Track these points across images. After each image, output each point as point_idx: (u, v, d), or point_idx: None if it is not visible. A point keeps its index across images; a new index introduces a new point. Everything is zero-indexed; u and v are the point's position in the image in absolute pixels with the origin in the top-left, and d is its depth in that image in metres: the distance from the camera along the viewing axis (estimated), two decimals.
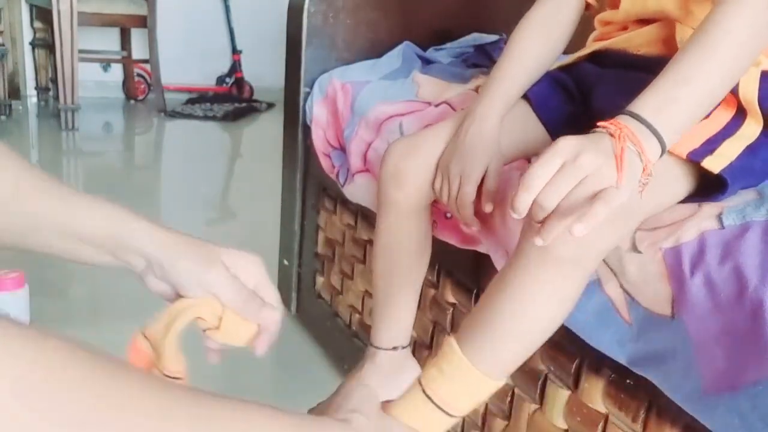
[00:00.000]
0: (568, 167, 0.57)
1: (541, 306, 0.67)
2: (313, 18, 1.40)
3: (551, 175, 0.57)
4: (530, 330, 0.68)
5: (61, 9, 3.17)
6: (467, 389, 0.67)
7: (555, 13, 0.90)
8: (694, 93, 0.64)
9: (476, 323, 0.69)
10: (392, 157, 0.90)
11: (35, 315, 0.97)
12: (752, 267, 0.57)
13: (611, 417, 0.75)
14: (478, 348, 0.67)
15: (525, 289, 0.66)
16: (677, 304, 0.62)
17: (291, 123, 1.50)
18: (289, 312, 1.65)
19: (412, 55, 1.44)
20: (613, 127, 0.61)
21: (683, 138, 0.67)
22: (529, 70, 0.90)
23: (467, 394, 0.67)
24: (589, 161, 0.57)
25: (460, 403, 0.66)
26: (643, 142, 0.61)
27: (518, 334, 0.68)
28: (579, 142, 0.59)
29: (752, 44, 0.67)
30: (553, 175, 0.57)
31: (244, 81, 4.33)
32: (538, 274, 0.65)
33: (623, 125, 0.61)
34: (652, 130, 0.61)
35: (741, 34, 0.65)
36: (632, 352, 0.69)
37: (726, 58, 0.65)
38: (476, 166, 0.83)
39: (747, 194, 0.70)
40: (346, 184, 1.25)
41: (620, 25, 0.90)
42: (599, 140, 0.60)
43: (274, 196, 1.72)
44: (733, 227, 0.63)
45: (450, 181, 0.85)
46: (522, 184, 0.58)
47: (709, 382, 0.60)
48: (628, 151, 0.59)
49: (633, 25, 0.87)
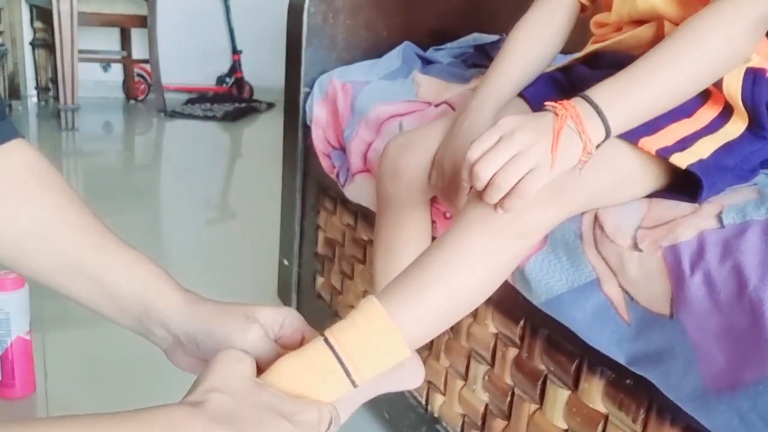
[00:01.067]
0: (503, 142, 0.62)
1: (475, 272, 0.66)
2: (313, 18, 1.40)
3: (486, 149, 0.62)
4: (458, 296, 0.65)
5: (61, 9, 3.17)
6: (377, 347, 0.58)
7: (550, 16, 0.92)
8: (651, 91, 0.67)
9: (401, 284, 0.64)
10: (390, 153, 0.91)
11: (35, 315, 0.96)
12: (752, 266, 0.57)
13: (611, 417, 0.75)
14: (399, 308, 0.61)
15: (460, 254, 0.65)
16: (676, 303, 0.62)
17: (291, 123, 1.50)
18: None
19: (412, 55, 1.44)
20: (559, 107, 0.65)
21: (658, 136, 0.70)
22: (523, 70, 0.91)
23: (375, 353, 0.58)
24: (523, 137, 0.61)
25: (365, 362, 0.57)
26: (586, 121, 0.64)
27: (445, 298, 0.64)
28: (519, 119, 0.63)
29: (726, 51, 0.69)
30: (489, 149, 0.62)
31: (244, 81, 4.33)
32: (476, 241, 0.65)
33: (570, 105, 0.65)
34: (597, 112, 0.65)
35: (715, 41, 0.68)
36: (631, 351, 0.69)
37: (693, 64, 0.68)
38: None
39: (747, 193, 0.70)
40: (346, 184, 1.25)
41: (614, 26, 0.90)
42: (540, 118, 0.64)
43: (274, 196, 1.72)
44: (733, 226, 0.63)
45: (444, 176, 0.86)
46: (465, 155, 0.63)
47: (709, 381, 0.60)
48: (567, 129, 0.63)
49: (627, 26, 0.88)
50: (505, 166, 0.61)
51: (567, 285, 0.74)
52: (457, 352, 1.01)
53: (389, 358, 0.59)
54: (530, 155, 0.61)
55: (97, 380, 1.34)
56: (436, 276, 0.64)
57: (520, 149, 0.61)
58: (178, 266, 1.97)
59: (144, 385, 1.34)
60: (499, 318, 0.92)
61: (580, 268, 0.72)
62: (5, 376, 0.95)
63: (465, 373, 1.00)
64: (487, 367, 0.96)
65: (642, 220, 0.70)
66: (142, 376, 1.37)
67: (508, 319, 0.90)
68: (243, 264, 1.93)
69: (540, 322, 0.84)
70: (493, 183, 0.61)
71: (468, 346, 0.99)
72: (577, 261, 0.73)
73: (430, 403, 1.09)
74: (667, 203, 0.72)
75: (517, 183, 0.61)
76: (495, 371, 0.94)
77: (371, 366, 0.58)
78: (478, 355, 0.97)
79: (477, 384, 0.97)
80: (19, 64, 3.88)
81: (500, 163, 0.61)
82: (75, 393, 1.29)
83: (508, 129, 0.62)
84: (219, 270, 1.82)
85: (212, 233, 2.28)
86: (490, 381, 0.95)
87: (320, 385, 0.56)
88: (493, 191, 0.61)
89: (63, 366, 1.30)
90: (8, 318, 0.91)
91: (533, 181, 0.61)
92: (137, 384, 1.34)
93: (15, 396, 1.28)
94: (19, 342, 0.94)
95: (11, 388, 1.27)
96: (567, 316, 0.75)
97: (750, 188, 0.71)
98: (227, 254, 1.95)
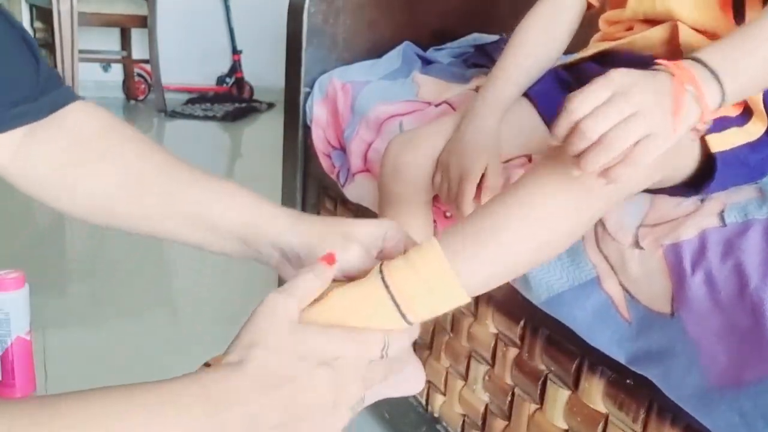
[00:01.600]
0: (617, 98, 0.54)
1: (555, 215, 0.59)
2: (313, 18, 1.40)
3: (597, 104, 0.54)
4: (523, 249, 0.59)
5: (61, 9, 3.17)
6: (433, 290, 0.54)
7: (556, 13, 0.91)
8: (762, 60, 0.62)
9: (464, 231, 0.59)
10: (393, 151, 0.91)
11: (35, 315, 0.97)
12: (753, 265, 0.57)
13: (611, 417, 0.75)
14: (459, 253, 0.56)
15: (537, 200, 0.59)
16: (677, 302, 0.62)
17: (291, 123, 1.50)
18: None
19: (412, 55, 1.44)
20: (674, 67, 0.58)
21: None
22: (529, 70, 0.90)
23: (431, 295, 0.54)
24: (641, 97, 0.54)
25: (419, 302, 0.54)
26: (704, 86, 0.57)
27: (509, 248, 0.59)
28: (633, 74, 0.56)
29: None
30: (600, 104, 0.54)
31: (244, 81, 4.33)
32: (557, 193, 0.59)
33: (685, 67, 0.58)
34: (715, 76, 0.58)
35: None
36: (631, 350, 0.69)
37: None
38: (475, 164, 0.83)
39: (749, 192, 0.70)
40: (346, 184, 1.25)
41: (626, 24, 0.90)
42: (656, 77, 0.57)
43: (274, 196, 1.72)
44: (734, 225, 0.63)
45: (449, 179, 0.85)
46: (564, 108, 0.54)
47: (711, 380, 0.60)
48: (687, 94, 0.56)
49: (639, 24, 0.87)
50: (620, 126, 0.53)
51: (567, 283, 0.74)
52: (458, 352, 1.01)
53: (445, 302, 0.55)
54: (648, 118, 0.53)
55: (97, 380, 1.34)
56: (502, 226, 0.58)
57: (637, 110, 0.53)
58: (179, 266, 1.98)
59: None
60: (499, 318, 0.92)
61: (581, 266, 0.72)
62: (5, 376, 0.95)
63: (465, 373, 1.00)
64: (488, 367, 0.96)
65: (644, 218, 0.70)
66: (142, 376, 1.37)
67: (509, 319, 0.90)
68: (243, 264, 1.92)
69: (540, 322, 0.84)
70: (603, 143, 0.53)
71: (468, 346, 0.99)
72: (578, 259, 0.73)
73: (431, 403, 1.09)
74: (669, 201, 0.72)
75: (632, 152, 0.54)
76: (495, 371, 0.94)
77: (426, 308, 0.54)
78: (479, 355, 0.97)
79: (477, 384, 0.97)
80: None
81: (613, 122, 0.53)
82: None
83: (623, 86, 0.54)
84: (219, 270, 1.82)
85: None
86: (491, 381, 0.95)
87: (373, 318, 0.53)
88: (600, 153, 0.53)
89: (63, 366, 1.30)
90: (8, 318, 0.91)
91: (650, 147, 0.53)
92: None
93: (15, 396, 1.28)
94: (19, 342, 0.94)
95: (11, 388, 1.27)
96: (567, 315, 0.75)
97: (752, 187, 0.71)
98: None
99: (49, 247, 2.03)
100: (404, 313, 0.53)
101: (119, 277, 1.81)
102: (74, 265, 1.98)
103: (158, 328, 1.57)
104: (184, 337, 1.56)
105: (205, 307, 1.70)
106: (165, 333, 1.56)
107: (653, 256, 0.66)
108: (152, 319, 1.59)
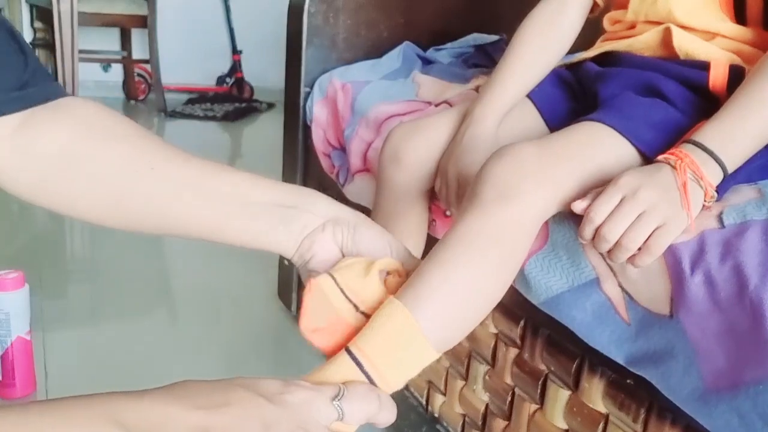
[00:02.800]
0: (627, 202, 0.61)
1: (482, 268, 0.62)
2: (314, 18, 1.40)
3: (611, 209, 0.61)
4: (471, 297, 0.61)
5: (62, 9, 3.17)
6: (402, 351, 0.55)
7: (558, 13, 0.90)
8: (756, 121, 0.67)
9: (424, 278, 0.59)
10: (394, 139, 0.92)
11: (35, 315, 0.97)
12: (752, 266, 0.57)
13: (611, 417, 0.75)
14: (422, 305, 0.56)
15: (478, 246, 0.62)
16: (676, 303, 0.62)
17: (291, 123, 1.50)
18: (290, 312, 1.65)
19: (412, 55, 1.44)
20: (673, 157, 0.64)
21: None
22: (530, 73, 0.90)
23: (401, 357, 0.55)
24: (648, 196, 0.61)
25: (391, 368, 0.54)
26: (703, 168, 0.64)
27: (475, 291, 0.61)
28: (639, 176, 0.63)
29: None
30: (614, 209, 0.61)
31: (244, 81, 4.33)
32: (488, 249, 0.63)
33: (684, 154, 0.64)
34: (713, 156, 0.64)
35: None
36: (630, 352, 0.69)
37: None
38: (474, 168, 0.83)
39: (748, 193, 0.69)
40: (346, 184, 1.25)
41: (629, 24, 0.90)
42: (658, 173, 0.63)
43: None
44: (733, 226, 0.63)
45: (448, 184, 0.85)
46: (586, 216, 0.62)
47: (709, 382, 0.60)
48: (690, 182, 0.63)
49: (641, 24, 0.87)
50: (633, 227, 0.60)
51: (567, 284, 0.74)
52: (457, 352, 1.01)
53: (414, 365, 0.56)
54: (657, 213, 0.60)
55: (96, 380, 1.34)
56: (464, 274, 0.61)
57: (646, 208, 0.60)
58: (179, 266, 1.98)
59: (144, 385, 1.34)
60: (499, 318, 0.92)
61: (581, 268, 0.72)
62: (5, 376, 0.95)
63: (465, 373, 1.00)
64: (488, 367, 0.96)
65: None
66: (142, 376, 1.37)
67: (509, 319, 0.90)
68: (243, 264, 1.92)
69: (540, 322, 0.84)
70: (621, 245, 0.61)
71: (468, 346, 0.99)
72: (578, 260, 0.73)
73: (431, 403, 1.09)
74: None
75: (647, 241, 0.61)
76: (495, 371, 0.94)
77: (395, 374, 0.55)
78: (479, 355, 0.97)
79: (477, 384, 0.97)
80: None
81: (627, 224, 0.61)
82: (75, 393, 1.29)
83: (630, 188, 0.61)
84: (219, 270, 1.82)
85: None
86: (491, 381, 0.95)
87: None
88: (621, 252, 0.61)
89: (63, 366, 1.30)
90: (8, 318, 0.91)
91: (664, 236, 0.60)
92: (137, 384, 1.34)
93: (15, 396, 1.28)
94: (19, 342, 0.94)
95: (11, 388, 1.27)
96: (566, 316, 0.75)
97: (751, 188, 0.71)
98: (227, 254, 1.94)
99: (49, 247, 2.03)
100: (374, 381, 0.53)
101: (119, 277, 1.81)
102: (74, 265, 1.98)
103: (158, 328, 1.57)
104: (184, 337, 1.56)
105: (205, 307, 1.70)
106: (165, 333, 1.57)
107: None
108: (152, 319, 1.59)
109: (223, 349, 1.51)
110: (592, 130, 0.73)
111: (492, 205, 0.65)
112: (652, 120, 0.74)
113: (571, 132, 0.74)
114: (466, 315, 0.62)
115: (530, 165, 0.67)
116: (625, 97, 0.78)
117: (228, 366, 1.44)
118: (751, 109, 0.67)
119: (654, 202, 0.61)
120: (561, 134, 0.73)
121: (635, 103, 0.77)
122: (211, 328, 1.60)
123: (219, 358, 1.47)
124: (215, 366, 1.43)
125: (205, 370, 1.43)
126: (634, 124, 0.73)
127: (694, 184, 0.63)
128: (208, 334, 1.57)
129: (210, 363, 1.44)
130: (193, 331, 1.59)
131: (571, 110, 0.92)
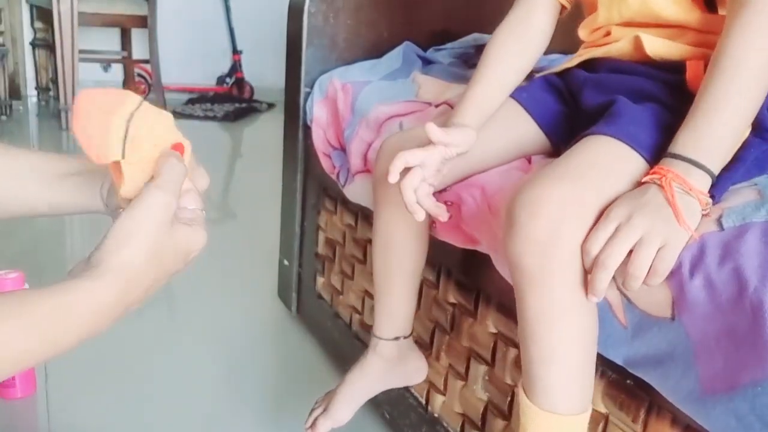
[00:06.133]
0: (623, 231, 0.61)
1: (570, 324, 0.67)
2: (314, 18, 1.40)
3: (607, 237, 0.62)
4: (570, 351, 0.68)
5: (62, 9, 3.17)
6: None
7: (527, 18, 0.91)
8: (724, 118, 0.66)
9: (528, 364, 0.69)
10: (385, 152, 0.92)
11: None
12: (752, 268, 0.57)
13: (611, 417, 0.75)
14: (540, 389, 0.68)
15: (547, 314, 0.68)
16: (677, 307, 0.62)
17: (291, 123, 1.50)
18: (290, 312, 1.65)
19: (412, 55, 1.44)
20: (656, 176, 0.64)
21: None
22: (504, 80, 0.91)
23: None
24: (642, 221, 0.61)
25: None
26: (688, 178, 0.64)
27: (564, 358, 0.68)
28: (628, 203, 0.63)
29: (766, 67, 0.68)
30: (609, 237, 0.62)
31: (244, 81, 4.33)
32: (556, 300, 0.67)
33: (666, 170, 0.64)
34: (694, 164, 0.64)
35: (756, 60, 0.67)
36: (628, 353, 0.69)
37: (746, 83, 0.67)
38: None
39: (747, 194, 0.70)
40: (346, 185, 1.25)
41: (604, 31, 0.90)
42: (647, 193, 0.63)
43: (274, 196, 1.72)
44: (732, 229, 0.63)
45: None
46: (582, 250, 0.63)
47: (707, 383, 0.60)
48: (679, 195, 0.63)
49: (616, 27, 0.87)
50: (637, 254, 0.60)
51: None
52: (457, 352, 1.02)
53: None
54: (655, 235, 0.60)
55: (96, 380, 1.34)
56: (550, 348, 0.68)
57: (642, 233, 0.60)
58: None
59: (144, 385, 1.34)
60: (499, 318, 0.92)
61: None
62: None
63: (465, 373, 1.00)
64: (488, 367, 0.96)
65: None
66: (142, 375, 1.37)
67: (508, 319, 0.90)
68: (243, 264, 1.92)
69: None
70: (630, 274, 0.61)
71: (468, 346, 0.99)
72: None
73: (430, 403, 1.09)
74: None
75: (652, 264, 0.61)
76: (495, 371, 0.94)
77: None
78: (478, 355, 0.97)
79: (477, 384, 0.97)
80: (20, 64, 3.88)
81: (625, 252, 0.61)
82: (75, 393, 1.29)
83: (624, 216, 0.62)
84: (219, 270, 1.82)
85: (212, 233, 2.27)
86: (490, 381, 0.95)
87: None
88: (633, 281, 0.61)
89: (63, 366, 1.30)
90: None
91: (668, 256, 0.61)
92: (137, 384, 1.34)
93: (15, 396, 1.28)
94: None
95: (11, 388, 1.27)
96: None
97: (750, 189, 0.71)
98: (227, 254, 1.95)
99: (49, 247, 2.03)
100: None
101: None
102: (74, 265, 1.98)
103: (158, 328, 1.57)
104: (184, 337, 1.56)
105: (205, 307, 1.71)
106: (165, 333, 1.57)
107: None
108: (152, 319, 1.59)
109: (223, 349, 1.51)
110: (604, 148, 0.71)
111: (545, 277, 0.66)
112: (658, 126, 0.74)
113: (582, 153, 0.72)
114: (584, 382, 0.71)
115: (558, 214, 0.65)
116: (630, 108, 0.77)
117: (228, 365, 1.44)
118: (717, 106, 0.66)
119: (650, 225, 0.61)
120: (572, 157, 0.72)
121: (638, 112, 0.76)
122: (211, 328, 1.60)
123: (219, 357, 1.47)
124: (215, 366, 1.43)
125: (205, 369, 1.43)
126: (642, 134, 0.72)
127: (685, 197, 0.63)
128: (208, 333, 1.58)
129: (210, 363, 1.44)
130: (193, 330, 1.59)
131: (562, 113, 0.92)
